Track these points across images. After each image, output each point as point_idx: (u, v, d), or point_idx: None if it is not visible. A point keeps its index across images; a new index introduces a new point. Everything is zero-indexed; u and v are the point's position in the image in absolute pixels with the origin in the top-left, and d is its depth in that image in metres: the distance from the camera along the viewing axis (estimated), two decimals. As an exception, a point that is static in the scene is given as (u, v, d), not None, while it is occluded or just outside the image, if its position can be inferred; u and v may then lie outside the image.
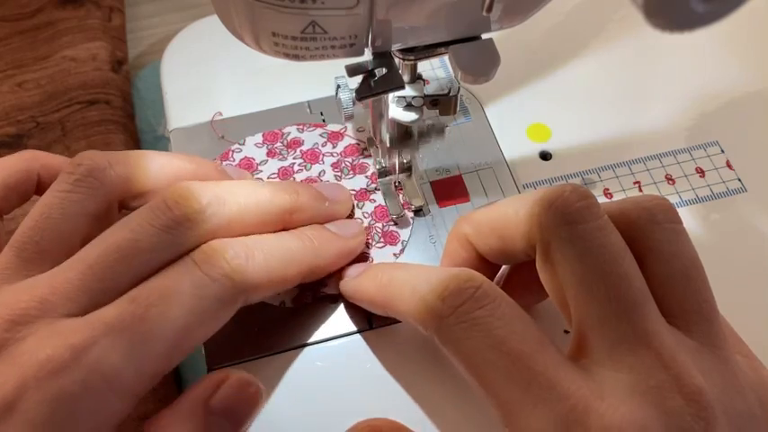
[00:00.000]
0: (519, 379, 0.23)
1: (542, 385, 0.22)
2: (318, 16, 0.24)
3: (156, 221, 0.26)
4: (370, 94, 0.28)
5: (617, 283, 0.23)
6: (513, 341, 0.23)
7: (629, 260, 0.24)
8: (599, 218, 0.24)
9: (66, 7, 0.48)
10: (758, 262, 0.35)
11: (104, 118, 0.43)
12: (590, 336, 0.23)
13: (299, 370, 0.31)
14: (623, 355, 0.23)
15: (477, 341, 0.23)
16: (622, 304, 0.23)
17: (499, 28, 0.28)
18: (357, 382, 0.31)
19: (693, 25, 0.19)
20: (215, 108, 0.40)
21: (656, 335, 0.23)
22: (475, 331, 0.23)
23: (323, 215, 0.33)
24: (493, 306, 0.24)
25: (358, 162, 0.38)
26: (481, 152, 0.38)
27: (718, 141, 0.39)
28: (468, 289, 0.24)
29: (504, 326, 0.23)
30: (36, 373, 0.23)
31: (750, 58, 0.42)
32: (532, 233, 0.25)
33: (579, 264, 0.24)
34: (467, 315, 0.24)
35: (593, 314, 0.23)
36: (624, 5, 0.21)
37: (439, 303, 0.24)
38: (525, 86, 0.41)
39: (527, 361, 0.23)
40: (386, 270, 0.29)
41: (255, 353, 0.32)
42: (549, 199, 0.25)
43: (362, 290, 0.30)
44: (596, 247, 0.24)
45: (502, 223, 0.27)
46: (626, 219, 0.25)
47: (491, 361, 0.23)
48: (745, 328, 0.27)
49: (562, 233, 0.24)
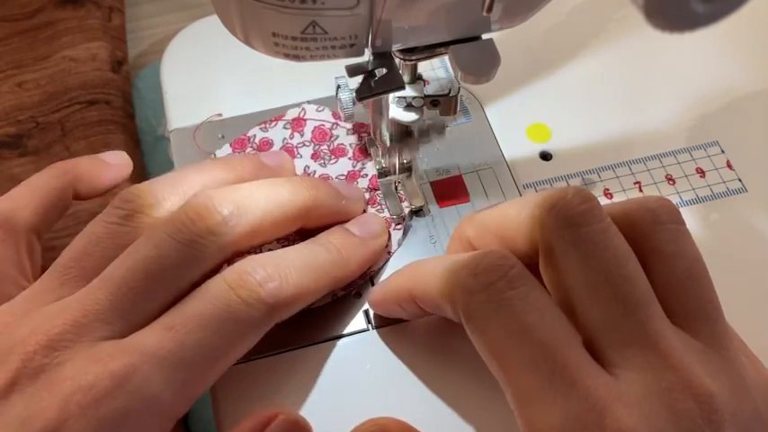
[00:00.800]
0: (542, 369, 0.22)
1: (565, 380, 0.22)
2: (319, 16, 0.24)
3: (179, 236, 0.26)
4: (371, 95, 0.28)
5: (621, 285, 0.23)
6: (542, 329, 0.23)
7: (632, 262, 0.24)
8: (602, 220, 0.24)
9: (66, 7, 0.48)
10: (758, 262, 0.35)
11: (104, 118, 0.43)
12: (598, 338, 0.23)
13: (299, 370, 0.31)
14: (633, 356, 0.23)
15: (505, 323, 0.23)
16: (628, 306, 0.23)
17: (499, 28, 0.28)
18: (357, 382, 0.31)
19: (693, 26, 0.19)
20: (215, 108, 0.40)
21: (662, 336, 0.23)
22: (504, 312, 0.23)
23: (340, 212, 0.33)
24: (525, 289, 0.24)
25: (334, 146, 0.37)
26: (481, 152, 0.38)
27: (718, 141, 0.39)
28: (503, 267, 0.24)
29: (535, 312, 0.23)
30: (79, 400, 0.23)
31: (750, 59, 0.42)
32: (535, 236, 0.25)
33: (583, 266, 0.24)
34: (498, 295, 0.23)
35: (600, 316, 0.23)
36: (624, 5, 0.21)
37: (470, 279, 0.24)
38: (525, 87, 0.41)
39: (553, 352, 0.22)
40: (414, 264, 0.29)
41: (256, 353, 0.32)
42: (552, 202, 0.25)
43: (390, 284, 0.30)
44: (600, 250, 0.24)
45: (504, 226, 0.27)
46: (629, 220, 0.25)
47: (516, 346, 0.23)
48: (745, 329, 0.27)
49: (565, 236, 0.24)
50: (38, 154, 0.42)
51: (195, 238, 0.26)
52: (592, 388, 0.22)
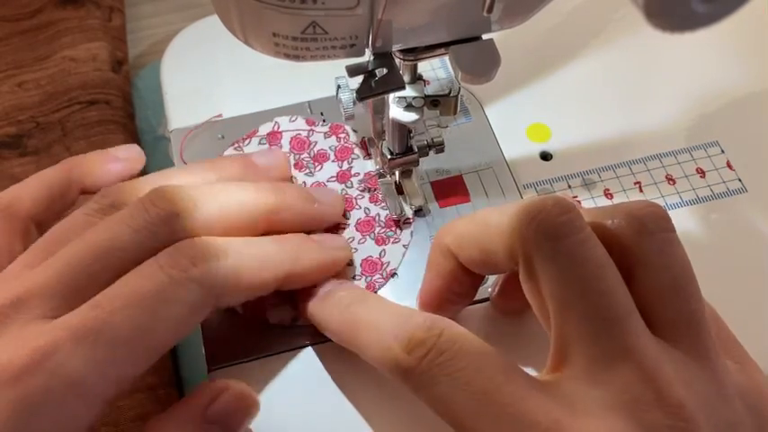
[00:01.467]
0: (488, 415, 0.23)
1: (511, 418, 0.22)
2: (319, 17, 0.24)
3: (133, 222, 0.27)
4: (371, 95, 0.28)
5: (597, 300, 0.23)
6: (478, 380, 0.23)
7: (611, 274, 0.24)
8: (581, 231, 0.24)
9: (67, 7, 0.48)
10: (758, 262, 0.35)
11: (104, 118, 0.43)
12: (569, 351, 0.23)
13: (299, 370, 0.31)
14: (601, 371, 0.23)
15: (444, 387, 0.24)
16: (602, 321, 0.23)
17: (499, 28, 0.28)
18: (357, 382, 0.31)
19: (694, 26, 0.19)
20: (215, 108, 0.40)
21: (636, 349, 0.23)
22: (441, 378, 0.24)
23: (310, 216, 0.32)
24: (455, 350, 0.24)
25: (315, 152, 0.37)
26: (481, 152, 0.38)
27: (718, 141, 0.39)
28: (431, 338, 0.24)
29: (468, 367, 0.24)
30: None
31: (750, 59, 0.42)
32: (514, 247, 0.25)
33: (560, 280, 0.24)
34: (432, 363, 0.24)
35: (573, 330, 0.23)
36: (624, 5, 0.21)
37: (405, 356, 0.25)
38: (525, 87, 0.41)
39: (493, 396, 0.23)
40: (351, 304, 0.29)
41: (255, 353, 0.32)
42: (531, 213, 0.25)
43: (325, 319, 0.30)
44: (577, 263, 0.24)
45: (483, 236, 0.27)
46: (615, 228, 0.25)
47: (460, 402, 0.23)
48: (744, 329, 0.27)
49: (544, 249, 0.24)
50: (38, 154, 0.42)
51: (147, 225, 0.26)
52: (541, 415, 0.22)
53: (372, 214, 0.35)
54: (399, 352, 0.25)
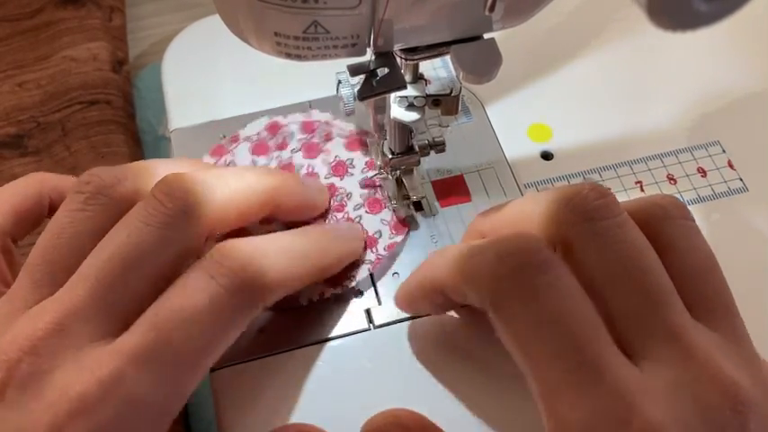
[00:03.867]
0: (569, 360, 0.22)
1: (593, 372, 0.22)
2: (320, 16, 0.24)
3: (152, 220, 0.26)
4: (373, 94, 0.28)
5: (642, 278, 0.23)
6: (571, 319, 0.23)
7: (651, 254, 0.24)
8: (619, 214, 0.24)
9: (67, 7, 0.48)
10: (759, 262, 0.35)
11: (105, 118, 0.43)
12: (621, 329, 0.23)
13: (300, 370, 0.31)
14: (658, 347, 0.22)
15: (534, 311, 0.23)
16: (648, 297, 0.23)
17: (501, 28, 0.28)
18: (357, 382, 0.31)
19: (696, 25, 0.19)
20: (216, 108, 0.40)
21: (684, 329, 0.23)
22: (532, 299, 0.23)
23: (305, 200, 0.33)
24: (555, 275, 0.23)
25: (303, 143, 0.37)
26: (482, 152, 0.38)
27: (719, 141, 0.39)
28: (531, 250, 0.24)
29: (564, 300, 0.23)
30: (69, 410, 0.23)
31: (752, 58, 0.42)
32: (551, 232, 0.25)
33: (602, 259, 0.24)
34: (528, 281, 0.23)
35: (621, 307, 0.23)
36: (625, 5, 0.21)
37: (497, 264, 0.24)
38: (526, 86, 0.41)
39: (582, 343, 0.22)
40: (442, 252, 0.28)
41: (257, 353, 0.32)
42: (568, 197, 0.25)
43: (413, 278, 0.30)
44: (618, 243, 0.24)
45: (520, 221, 0.27)
46: (643, 215, 0.25)
47: (544, 336, 0.23)
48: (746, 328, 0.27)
49: (583, 230, 0.24)
50: (38, 154, 0.42)
51: (168, 220, 0.26)
52: (619, 381, 0.22)
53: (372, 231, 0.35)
54: (492, 260, 0.24)
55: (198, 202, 0.26)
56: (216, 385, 0.31)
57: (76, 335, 0.24)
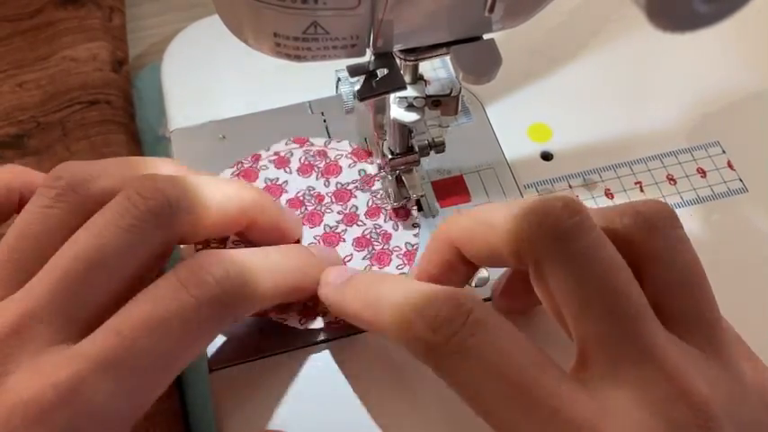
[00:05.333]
0: (521, 405, 0.22)
1: (545, 410, 0.22)
2: (320, 17, 0.24)
3: (122, 222, 0.25)
4: (372, 95, 0.28)
5: (614, 299, 0.23)
6: (511, 367, 0.22)
7: (624, 273, 0.24)
8: (591, 233, 0.24)
9: (67, 7, 0.48)
10: (759, 262, 0.35)
11: (105, 118, 0.43)
12: (591, 352, 0.23)
13: (300, 371, 0.31)
14: (626, 370, 0.22)
15: (473, 370, 0.23)
16: (621, 320, 0.23)
17: (501, 28, 0.28)
18: (357, 382, 0.31)
19: (696, 25, 0.19)
20: (216, 108, 0.40)
21: (657, 347, 0.22)
22: (471, 360, 0.23)
23: (279, 223, 0.32)
24: (486, 332, 0.23)
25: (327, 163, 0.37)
26: (482, 152, 0.38)
27: (719, 141, 0.39)
28: (460, 316, 0.23)
29: (500, 352, 0.23)
30: (23, 417, 0.22)
31: (752, 59, 0.42)
32: (523, 250, 0.25)
33: (574, 282, 0.23)
34: (461, 345, 0.23)
35: (592, 332, 0.23)
36: (625, 5, 0.21)
37: (431, 334, 0.23)
38: (526, 86, 0.41)
39: (527, 386, 0.22)
40: (371, 284, 0.28)
41: (256, 354, 0.32)
42: (539, 216, 0.24)
43: (347, 304, 0.29)
44: (590, 264, 0.23)
45: (489, 233, 0.26)
46: (624, 227, 0.25)
47: (490, 389, 0.23)
48: (745, 329, 0.27)
49: (554, 252, 0.24)
50: (39, 154, 0.42)
51: (138, 223, 0.25)
52: (576, 410, 0.22)
53: None
54: (424, 329, 0.24)
55: (171, 207, 0.25)
56: (215, 385, 0.31)
57: (34, 337, 0.23)
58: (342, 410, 0.30)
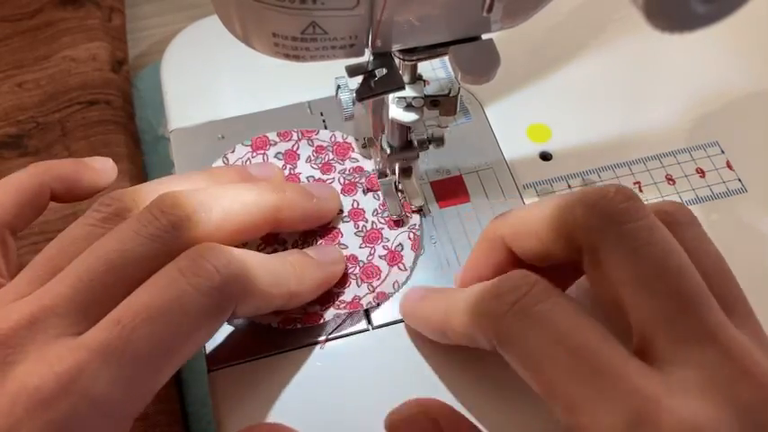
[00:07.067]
0: (585, 373, 0.22)
1: (610, 379, 0.21)
2: (319, 17, 0.24)
3: (144, 231, 0.26)
4: (371, 95, 0.28)
5: (676, 279, 0.23)
6: (577, 337, 0.22)
7: (683, 255, 0.24)
8: (646, 217, 0.24)
9: (67, 7, 0.48)
10: (758, 262, 0.35)
11: (105, 118, 0.43)
12: (653, 335, 0.23)
13: (299, 370, 0.31)
14: (691, 351, 0.22)
15: (537, 337, 0.23)
16: (685, 299, 0.23)
17: (499, 28, 0.28)
18: (357, 382, 0.31)
19: (694, 26, 0.19)
20: (215, 108, 0.40)
21: (722, 328, 0.22)
22: (535, 327, 0.23)
23: (311, 212, 0.32)
24: (552, 301, 0.23)
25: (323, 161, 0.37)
26: (481, 152, 0.38)
27: (718, 142, 0.39)
28: (524, 286, 0.24)
29: (566, 321, 0.23)
30: (26, 404, 0.23)
31: (750, 59, 0.42)
32: (576, 236, 0.25)
33: (632, 262, 0.23)
34: (526, 311, 0.23)
35: (654, 313, 0.23)
36: (624, 6, 0.21)
37: (494, 302, 0.24)
38: (525, 87, 0.41)
39: (592, 354, 0.22)
40: (447, 296, 0.28)
41: (255, 353, 0.32)
42: (592, 201, 0.24)
43: (425, 317, 0.30)
44: (650, 245, 0.23)
45: (541, 226, 0.26)
46: None
47: (553, 356, 0.22)
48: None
49: (611, 234, 0.24)
50: (38, 154, 0.42)
51: (158, 233, 0.26)
52: (641, 383, 0.21)
53: None
54: (489, 300, 0.24)
55: (190, 220, 0.27)
56: (215, 385, 0.31)
57: (47, 329, 0.24)
58: (341, 410, 0.30)
